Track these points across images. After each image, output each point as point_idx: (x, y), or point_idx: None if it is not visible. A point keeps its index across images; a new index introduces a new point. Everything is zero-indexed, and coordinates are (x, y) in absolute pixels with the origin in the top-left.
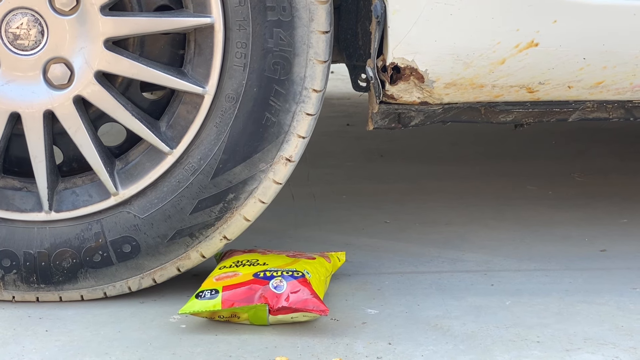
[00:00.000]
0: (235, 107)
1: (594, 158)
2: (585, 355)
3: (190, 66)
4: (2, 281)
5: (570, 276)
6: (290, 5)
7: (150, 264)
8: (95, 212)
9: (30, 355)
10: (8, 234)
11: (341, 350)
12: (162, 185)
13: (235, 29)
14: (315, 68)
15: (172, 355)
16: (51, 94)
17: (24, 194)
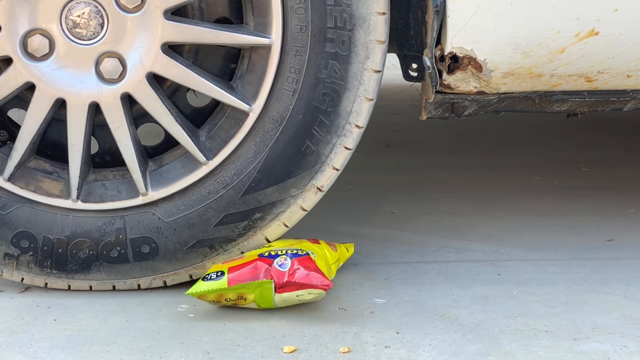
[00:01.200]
0: (277, 130)
1: (601, 149)
2: (594, 344)
3: (240, 82)
4: (16, 261)
5: (577, 266)
6: (350, 40)
7: (165, 268)
8: (121, 208)
9: (39, 344)
10: (31, 216)
11: (349, 340)
12: (192, 193)
13: (292, 54)
14: (362, 105)
15: (181, 344)
16: (100, 87)
17: (54, 179)
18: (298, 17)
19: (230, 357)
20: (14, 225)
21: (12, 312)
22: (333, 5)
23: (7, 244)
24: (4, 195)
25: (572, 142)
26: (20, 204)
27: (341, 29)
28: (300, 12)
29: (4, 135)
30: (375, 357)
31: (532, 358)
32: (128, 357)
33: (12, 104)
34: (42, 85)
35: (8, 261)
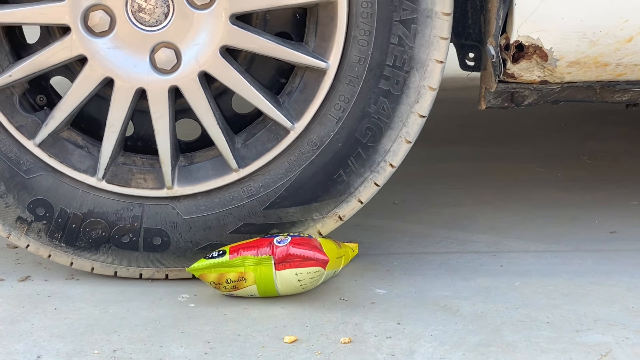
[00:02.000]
0: (314, 153)
1: (604, 141)
2: (596, 336)
3: (288, 98)
4: (27, 227)
5: (580, 257)
6: (404, 82)
7: (172, 263)
8: (143, 196)
9: (39, 332)
10: (53, 186)
11: (350, 330)
12: (215, 195)
13: (345, 83)
14: (401, 146)
15: (181, 334)
16: (151, 75)
17: (83, 154)
18: (359, 48)
19: (231, 346)
20: (34, 191)
21: (12, 300)
22: (396, 45)
23: (23, 208)
24: (31, 160)
25: (576, 134)
26: (45, 172)
27: (399, 69)
28: (362, 44)
29: (43, 100)
30: (377, 348)
31: (534, 349)
32: (129, 346)
33: (57, 71)
34: (94, 61)
35: (19, 225)
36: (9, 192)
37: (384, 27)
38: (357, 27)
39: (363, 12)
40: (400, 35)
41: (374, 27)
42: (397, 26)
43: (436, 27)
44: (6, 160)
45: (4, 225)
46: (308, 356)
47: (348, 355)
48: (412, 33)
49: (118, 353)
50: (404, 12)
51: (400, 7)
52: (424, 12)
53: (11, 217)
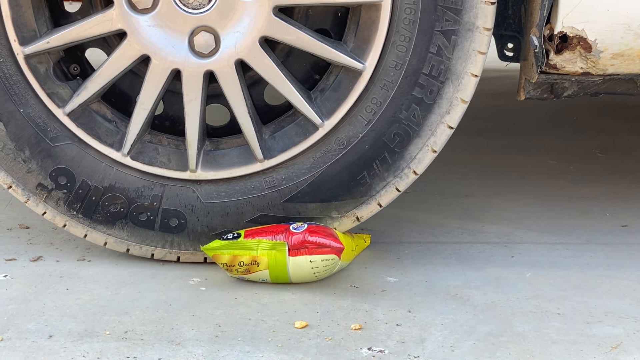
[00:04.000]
0: (340, 152)
1: (616, 135)
2: (606, 328)
3: (320, 95)
4: (47, 194)
5: (591, 250)
6: (438, 92)
7: (185, 246)
8: (165, 177)
9: (50, 312)
10: (77, 156)
11: (361, 317)
12: (237, 183)
13: (379, 86)
14: (427, 155)
15: (192, 317)
16: (188, 57)
17: (111, 128)
18: (397, 53)
19: (241, 330)
20: (57, 159)
21: (24, 280)
22: (434, 54)
23: (45, 175)
24: (59, 128)
25: (588, 128)
26: (71, 142)
27: (434, 79)
28: (400, 50)
29: (77, 69)
30: (387, 335)
31: (544, 340)
32: (140, 328)
33: (93, 43)
34: (134, 37)
35: (39, 192)
36: (33, 157)
37: (425, 35)
38: (397, 32)
39: (405, 18)
40: (439, 45)
41: (415, 35)
42: (438, 36)
43: (476, 41)
44: (34, 125)
45: (23, 190)
46: (318, 342)
47: (358, 342)
48: (452, 44)
49: (129, 334)
50: (446, 23)
51: (443, 17)
52: (466, 25)
53: (32, 183)
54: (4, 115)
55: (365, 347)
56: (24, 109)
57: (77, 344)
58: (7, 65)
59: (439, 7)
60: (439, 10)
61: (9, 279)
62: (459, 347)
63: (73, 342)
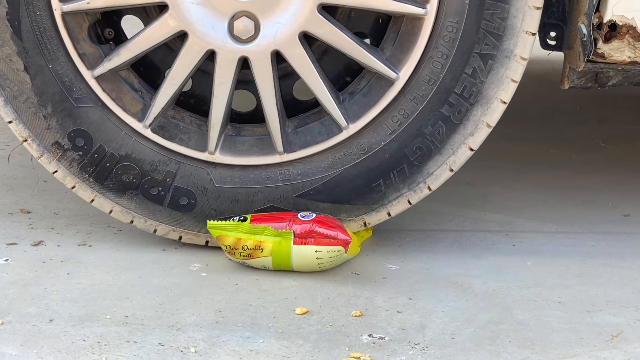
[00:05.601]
0: (360, 157)
1: (619, 124)
2: (607, 317)
3: (349, 98)
4: (62, 153)
5: (592, 239)
6: (466, 113)
7: (190, 226)
8: (182, 154)
9: (51, 296)
10: (98, 121)
11: (361, 304)
12: (252, 171)
13: (409, 98)
14: (444, 172)
15: (192, 302)
16: (225, 40)
17: (136, 98)
18: (432, 69)
19: (242, 316)
20: (78, 121)
21: (25, 264)
22: (468, 75)
23: (63, 134)
24: (84, 90)
25: (591, 117)
26: (94, 105)
27: (464, 99)
28: (436, 66)
29: (111, 34)
30: (387, 322)
31: (544, 328)
32: (140, 313)
33: (132, 10)
34: (175, 12)
35: (54, 150)
36: (54, 115)
37: (462, 55)
38: (436, 48)
39: (446, 35)
40: (475, 68)
41: (453, 53)
42: (475, 58)
43: (511, 68)
44: (60, 83)
45: (38, 146)
46: (319, 328)
47: (359, 328)
48: (487, 68)
49: (130, 319)
50: (485, 47)
51: (483, 40)
52: (504, 51)
53: (48, 140)
54: (32, 68)
55: (366, 333)
56: (53, 65)
57: (78, 328)
58: (43, 19)
59: (481, 30)
60: (481, 32)
61: (9, 263)
62: (459, 334)
63: (74, 327)
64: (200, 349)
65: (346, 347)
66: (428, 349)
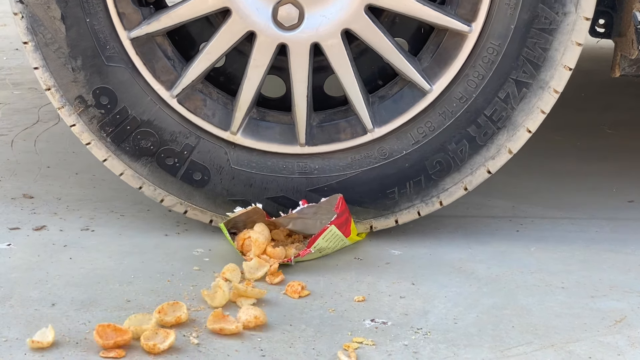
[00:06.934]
0: (379, 162)
1: (624, 111)
2: (611, 302)
3: (379, 102)
4: (84, 109)
5: (596, 225)
6: (491, 137)
7: (199, 201)
8: (204, 129)
9: (54, 281)
10: (126, 83)
11: (364, 289)
12: (270, 159)
13: (438, 112)
14: (458, 191)
15: (194, 288)
16: (268, 24)
17: (168, 66)
18: (466, 87)
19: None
20: (106, 79)
21: (28, 249)
22: (501, 100)
23: (89, 90)
24: (118, 49)
25: (595, 104)
26: (125, 66)
27: (492, 123)
28: (470, 85)
29: None
30: (390, 307)
31: (547, 313)
32: (143, 297)
33: None
34: None
35: (77, 104)
36: (83, 69)
37: (498, 79)
38: (473, 67)
39: (486, 56)
40: (509, 93)
41: (489, 75)
42: (510, 84)
43: (543, 99)
44: (94, 39)
45: (61, 97)
46: (321, 313)
47: (362, 313)
48: (520, 96)
49: (132, 303)
50: (523, 74)
51: (521, 68)
52: (540, 82)
53: (73, 93)
54: (69, 19)
55: (369, 318)
56: (91, 19)
57: (80, 312)
58: None
59: (522, 57)
60: (521, 60)
61: (12, 247)
62: (462, 319)
63: (76, 311)
64: (201, 335)
65: (349, 332)
66: (431, 333)
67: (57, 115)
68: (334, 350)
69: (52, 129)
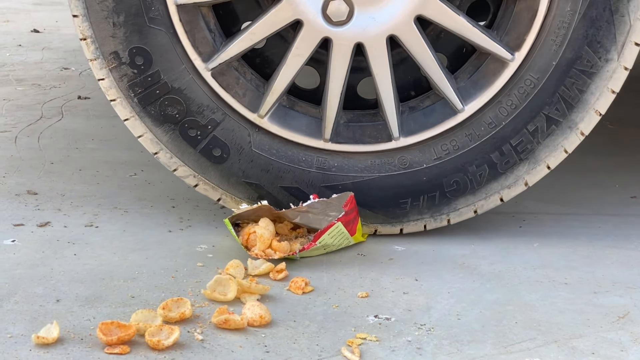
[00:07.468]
0: (398, 171)
1: (627, 107)
2: (614, 298)
3: (409, 112)
4: (117, 65)
5: (600, 221)
6: (512, 165)
7: (213, 179)
8: (232, 108)
9: (58, 277)
10: (164, 47)
11: (367, 285)
12: (291, 148)
13: (464, 133)
14: (467, 212)
15: (197, 284)
16: (316, 16)
17: (208, 38)
18: (497, 114)
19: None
20: (145, 40)
21: (32, 245)
22: (528, 132)
23: (126, 47)
24: (162, 12)
25: None
26: (166, 30)
27: (516, 154)
28: (502, 112)
29: None
30: (393, 303)
31: (551, 309)
32: (147, 293)
33: None
34: None
35: (110, 59)
36: (124, 25)
37: (530, 111)
38: (508, 95)
39: (522, 87)
40: (537, 127)
41: (522, 106)
42: (540, 118)
43: (569, 139)
44: None
45: (96, 49)
46: (325, 309)
47: (365, 309)
48: (548, 132)
49: (136, 300)
50: (555, 112)
51: (554, 105)
52: (569, 122)
53: (108, 48)
54: None
55: (372, 314)
56: None
57: (85, 308)
58: None
59: (557, 95)
60: (556, 97)
61: (16, 244)
62: (465, 315)
63: (80, 307)
64: (205, 331)
65: (352, 328)
66: (434, 329)
67: (61, 112)
68: (338, 346)
69: (55, 125)
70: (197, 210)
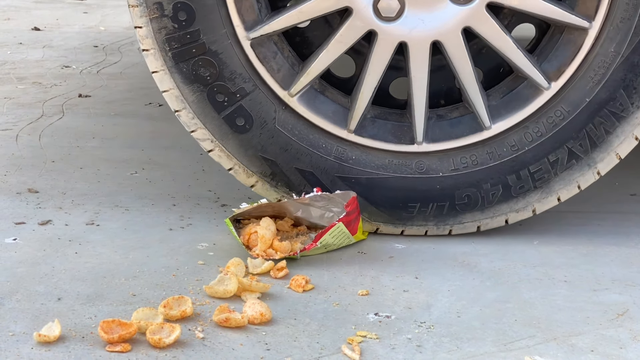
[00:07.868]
0: (412, 174)
1: None
2: (613, 295)
3: (435, 119)
4: (158, 16)
5: (599, 218)
6: (525, 192)
7: (230, 147)
8: (264, 80)
9: (59, 275)
10: (209, 7)
11: (367, 283)
12: (313, 133)
13: (486, 150)
14: (471, 227)
15: (198, 282)
16: (367, 8)
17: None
18: (521, 138)
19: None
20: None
21: (33, 243)
22: (548, 162)
23: (170, 1)
24: None
25: None
26: None
27: (532, 180)
28: (527, 138)
29: None
30: (394, 301)
31: (550, 307)
32: (148, 292)
33: None
34: None
35: (153, 9)
36: None
37: (554, 143)
38: (536, 122)
39: (551, 117)
40: (558, 159)
41: (547, 135)
42: (563, 151)
43: (584, 176)
44: None
45: None
46: (325, 307)
47: (365, 307)
48: (567, 166)
49: (137, 298)
50: (578, 147)
51: (579, 140)
52: (589, 160)
53: None
54: None
55: (372, 312)
56: None
57: (86, 306)
58: None
59: (584, 131)
60: (582, 133)
61: (18, 242)
62: (465, 313)
63: (82, 305)
64: (206, 329)
65: (352, 326)
66: (434, 327)
67: (62, 110)
68: (338, 344)
69: (56, 123)
70: (198, 208)
